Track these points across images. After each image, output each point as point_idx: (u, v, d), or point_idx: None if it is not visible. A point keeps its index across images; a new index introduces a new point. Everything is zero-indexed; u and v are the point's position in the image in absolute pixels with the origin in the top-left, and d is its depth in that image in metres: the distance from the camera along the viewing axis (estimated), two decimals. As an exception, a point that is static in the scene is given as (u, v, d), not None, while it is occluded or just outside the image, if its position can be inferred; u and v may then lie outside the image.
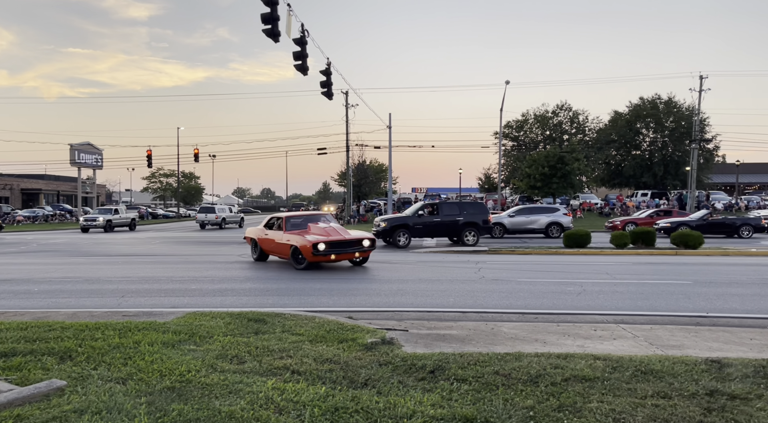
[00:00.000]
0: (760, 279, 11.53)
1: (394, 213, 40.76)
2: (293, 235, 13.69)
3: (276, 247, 14.45)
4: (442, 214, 21.43)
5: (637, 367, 5.01)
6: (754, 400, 4.28)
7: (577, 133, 57.08)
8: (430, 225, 21.27)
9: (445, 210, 21.71)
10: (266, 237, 14.96)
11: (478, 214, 21.76)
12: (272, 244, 14.62)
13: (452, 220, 21.33)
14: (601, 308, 8.47)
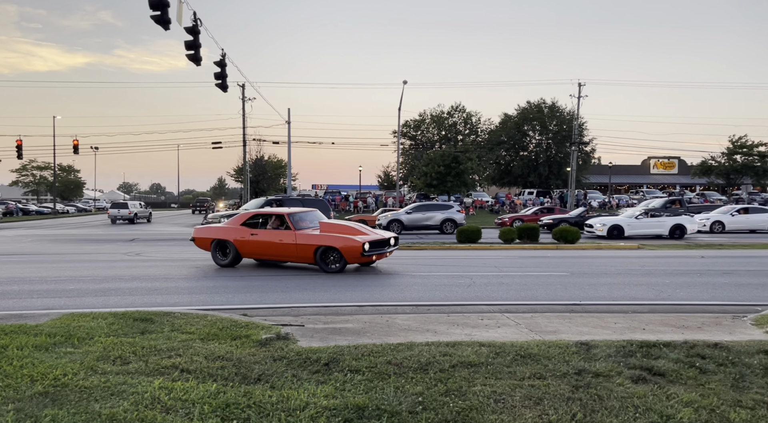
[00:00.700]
0: (625, 270, 12.77)
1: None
2: (319, 234, 12.15)
3: (278, 250, 12.43)
4: None
5: (518, 352, 5.39)
6: (615, 376, 4.78)
7: (470, 133, 59.75)
8: None
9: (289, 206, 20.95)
10: (253, 238, 12.66)
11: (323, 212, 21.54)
12: (267, 246, 12.51)
13: None
14: (489, 299, 8.97)
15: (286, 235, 12.33)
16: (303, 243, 12.13)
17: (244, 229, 12.92)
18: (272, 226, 12.93)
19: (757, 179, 50.75)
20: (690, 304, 8.64)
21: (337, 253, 11.90)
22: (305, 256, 12.20)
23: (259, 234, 12.68)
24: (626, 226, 23.32)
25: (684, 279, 11.22)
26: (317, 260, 12.05)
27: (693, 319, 7.29)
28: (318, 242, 12.03)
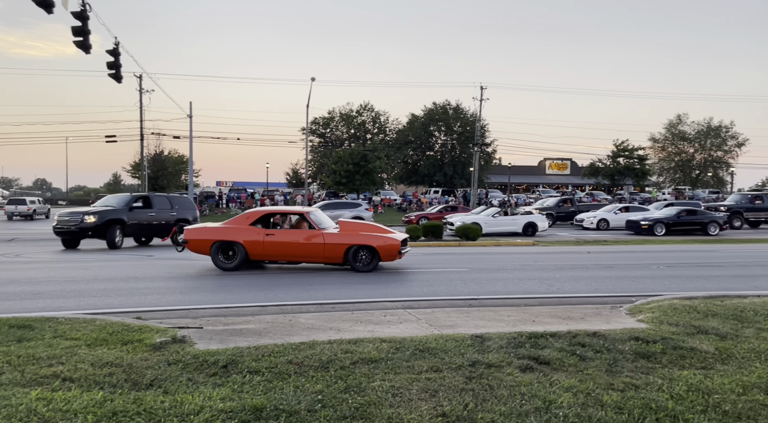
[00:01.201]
0: (520, 265, 13.53)
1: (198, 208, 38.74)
2: (351, 234, 12.02)
3: (302, 250, 11.93)
4: (155, 208, 19.52)
5: (417, 347, 5.56)
6: (505, 366, 5.06)
7: (379, 132, 60.51)
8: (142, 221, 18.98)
9: (157, 204, 19.81)
10: (269, 239, 11.91)
11: (188, 210, 21.02)
12: (289, 246, 11.92)
13: (166, 215, 19.71)
14: (392, 296, 9.16)
15: (313, 235, 11.94)
16: (333, 242, 11.86)
17: (255, 230, 12.13)
18: (290, 226, 12.67)
19: (636, 180, 55.56)
20: (576, 297, 9.31)
21: (371, 252, 11.89)
22: (334, 256, 11.95)
23: (276, 234, 12.04)
24: (483, 223, 24.44)
25: (572, 273, 12.07)
26: (349, 260, 11.90)
27: (577, 311, 7.88)
28: (351, 241, 11.88)
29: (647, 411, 4.20)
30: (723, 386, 4.70)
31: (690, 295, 8.70)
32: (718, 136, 71.79)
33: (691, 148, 73.42)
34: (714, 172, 74.23)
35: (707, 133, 71.78)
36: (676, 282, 10.78)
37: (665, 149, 73.57)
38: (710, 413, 4.22)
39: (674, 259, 15.06)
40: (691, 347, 5.72)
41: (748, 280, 11.08)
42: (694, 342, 5.90)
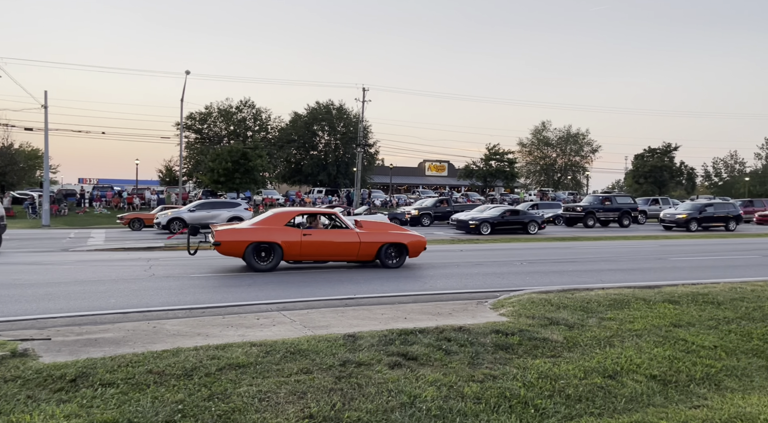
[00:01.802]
0: (398, 264, 13.89)
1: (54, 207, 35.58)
2: (383, 232, 12.93)
3: (338, 249, 12.34)
4: None
5: (288, 349, 5.50)
6: (375, 364, 5.17)
7: (260, 130, 59.07)
8: None
9: None
10: (307, 239, 12.05)
11: None
12: (326, 246, 12.22)
13: None
14: (268, 298, 8.97)
15: (348, 235, 12.41)
16: (368, 241, 12.50)
17: (293, 230, 12.24)
18: (323, 226, 13.04)
19: (506, 182, 59.54)
20: (447, 293, 9.75)
21: (400, 249, 12.82)
22: (367, 254, 12.59)
23: (313, 234, 12.22)
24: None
25: (444, 270, 12.62)
26: (380, 257, 12.64)
27: (447, 307, 8.26)
28: (383, 240, 12.67)
29: (502, 399, 4.50)
30: (568, 372, 5.17)
31: (546, 289, 9.47)
32: (576, 143, 79.03)
33: (554, 152, 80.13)
34: (573, 175, 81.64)
35: (567, 140, 78.74)
36: (536, 277, 11.68)
37: (532, 153, 79.61)
38: (556, 397, 4.62)
39: (536, 256, 16.30)
40: (543, 338, 6.23)
41: (596, 274, 12.30)
42: (547, 333, 6.43)
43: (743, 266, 13.72)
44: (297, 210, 13.29)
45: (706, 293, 8.89)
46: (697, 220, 29.09)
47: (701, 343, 6.37)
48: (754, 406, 4.46)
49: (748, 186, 79.15)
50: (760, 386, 5.31)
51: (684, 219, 28.89)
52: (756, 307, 8.12)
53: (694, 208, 30.08)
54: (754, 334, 6.92)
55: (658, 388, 5.00)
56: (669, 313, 7.65)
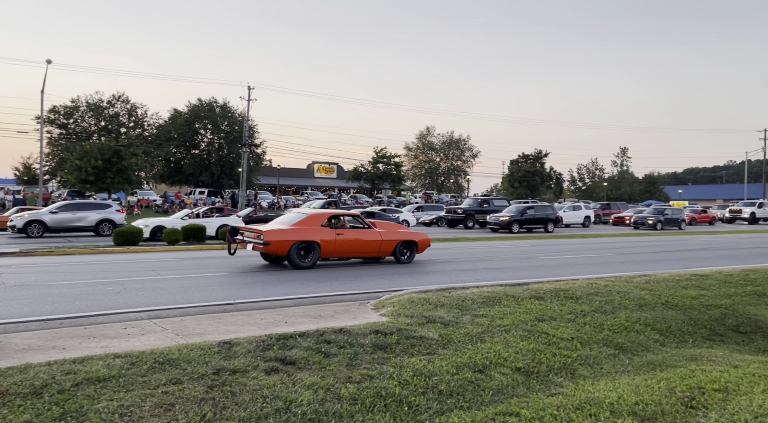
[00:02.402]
0: (280, 266, 13.66)
1: None
2: (398, 231, 14.80)
3: (361, 247, 13.84)
4: None
5: (156, 359, 5.17)
6: (251, 371, 5.02)
7: (135, 127, 55.35)
8: None
9: None
10: (339, 238, 13.40)
11: None
12: (355, 244, 13.70)
13: None
14: (138, 305, 8.41)
15: (372, 234, 13.90)
16: (388, 239, 14.10)
17: (328, 230, 13.38)
18: (351, 226, 14.03)
19: (393, 185, 60.94)
20: (330, 295, 9.74)
21: (411, 246, 14.54)
22: (387, 251, 14.19)
23: (345, 234, 13.49)
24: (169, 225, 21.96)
25: (328, 273, 12.61)
26: (395, 253, 14.27)
27: (329, 309, 8.25)
28: (399, 238, 14.29)
29: (378, 399, 4.57)
30: (441, 369, 5.38)
31: (426, 289, 9.80)
32: (458, 148, 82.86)
33: (438, 157, 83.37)
34: (455, 178, 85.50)
35: (450, 145, 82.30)
36: (416, 277, 12.05)
37: (417, 157, 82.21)
38: (429, 394, 4.78)
39: (418, 257, 16.81)
40: (420, 336, 6.43)
41: (473, 273, 12.95)
42: (424, 331, 6.65)
43: (599, 263, 15.14)
44: (330, 212, 14.92)
45: (567, 289, 9.68)
46: (519, 221, 30.45)
47: (561, 335, 6.93)
48: (601, 391, 4.93)
49: (606, 190, 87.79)
50: (608, 372, 5.88)
51: (507, 221, 30.12)
52: (607, 300, 8.99)
53: (517, 211, 31.40)
54: (605, 325, 7.65)
55: (522, 380, 5.36)
56: (535, 308, 8.23)
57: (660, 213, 35.26)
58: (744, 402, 4.29)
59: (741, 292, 10.32)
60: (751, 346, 8.03)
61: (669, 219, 34.91)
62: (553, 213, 32.78)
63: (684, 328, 8.21)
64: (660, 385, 4.92)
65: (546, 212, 32.28)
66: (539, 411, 4.39)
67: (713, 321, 8.75)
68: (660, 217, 34.43)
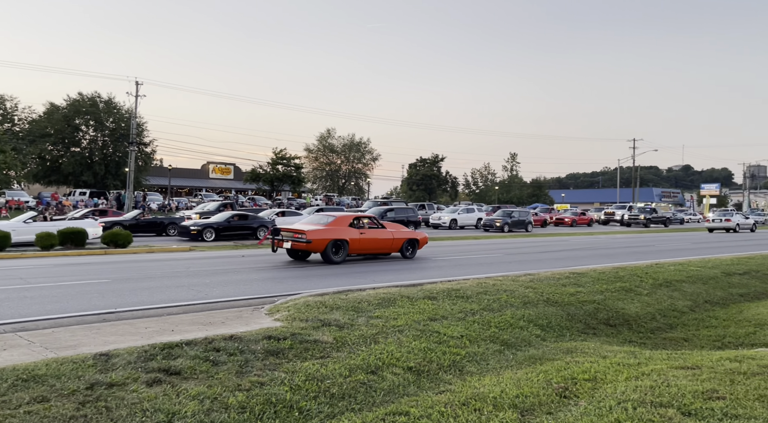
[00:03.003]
0: (171, 272, 12.98)
1: None
2: (404, 231, 17.06)
3: (380, 244, 15.87)
4: None
5: (19, 376, 4.70)
6: (131, 383, 4.70)
7: (4, 121, 50.13)
8: None
9: None
10: (362, 236, 15.40)
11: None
12: (374, 242, 15.72)
13: None
14: (0, 318, 7.60)
15: (386, 233, 15.95)
16: (398, 237, 16.12)
17: (354, 230, 15.33)
18: (370, 227, 15.91)
19: (293, 187, 60.15)
20: (223, 301, 9.39)
21: (414, 244, 16.54)
22: (396, 247, 16.12)
23: (366, 233, 15.43)
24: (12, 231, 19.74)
25: (224, 277, 12.17)
26: (402, 250, 16.19)
27: (220, 315, 7.95)
28: (405, 236, 16.35)
29: (268, 406, 4.46)
30: (334, 371, 5.36)
31: (323, 292, 9.74)
32: (359, 150, 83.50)
33: (339, 159, 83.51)
34: (356, 181, 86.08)
35: (351, 147, 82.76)
36: (314, 281, 11.95)
37: (318, 159, 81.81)
38: (321, 398, 4.74)
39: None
40: (315, 340, 6.37)
41: (370, 275, 13.07)
42: (318, 334, 6.59)
43: (488, 263, 15.90)
44: (353, 214, 17.35)
45: (458, 289, 10.06)
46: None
47: (451, 333, 7.17)
48: (486, 386, 5.15)
49: (498, 194, 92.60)
50: (493, 368, 6.17)
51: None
52: (495, 299, 9.45)
53: (377, 213, 30.76)
54: (492, 322, 8.03)
55: (413, 379, 5.48)
56: (428, 308, 8.46)
57: (508, 215, 35.94)
58: (609, 389, 4.68)
59: (611, 288, 11.28)
60: (619, 337, 8.80)
61: (516, 221, 35.26)
62: (414, 216, 32.95)
63: (562, 323, 8.83)
64: (539, 378, 5.24)
65: (407, 214, 32.55)
66: (428, 409, 4.50)
67: (588, 315, 9.49)
68: (507, 220, 34.89)
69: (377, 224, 16.36)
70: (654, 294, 11.45)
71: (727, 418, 3.86)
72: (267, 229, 25.50)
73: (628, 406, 4.16)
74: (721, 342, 8.52)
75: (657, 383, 4.70)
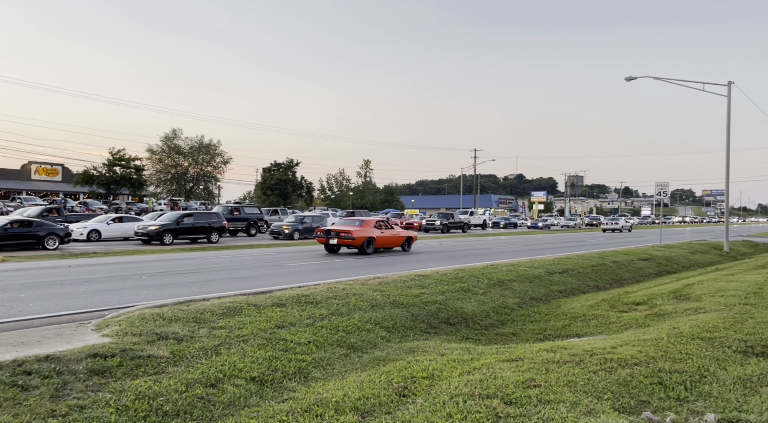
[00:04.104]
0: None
1: None
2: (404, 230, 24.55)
3: (392, 240, 22.21)
4: None
5: None
6: None
7: None
8: None
9: None
10: (383, 235, 21.49)
11: None
12: (389, 238, 21.99)
13: None
14: None
15: (394, 232, 22.54)
16: (401, 236, 22.72)
17: (376, 230, 21.40)
18: (385, 228, 22.18)
19: (134, 190, 55.65)
20: (41, 317, 8.33)
21: (410, 240, 23.11)
22: (399, 243, 22.56)
23: (384, 232, 21.81)
24: None
25: (44, 291, 10.84)
26: (403, 245, 22.70)
27: (36, 333, 7.03)
28: (406, 235, 23.08)
29: (87, 432, 4.02)
30: (169, 388, 5.01)
31: (161, 303, 9.09)
32: (208, 153, 79.78)
33: (186, 161, 79.03)
34: (205, 185, 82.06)
35: (200, 149, 78.79)
36: (154, 291, 11.12)
37: (162, 161, 76.63)
38: (152, 417, 4.40)
39: (161, 268, 15.60)
40: (149, 355, 5.90)
41: (217, 283, 12.51)
42: (153, 349, 6.12)
43: (338, 268, 16.09)
44: (375, 218, 24.72)
45: (308, 294, 10.01)
46: (172, 231, 26.61)
47: (298, 340, 7.10)
48: (330, 391, 5.17)
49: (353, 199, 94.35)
50: (339, 372, 6.22)
51: (156, 230, 26.29)
52: (344, 303, 9.56)
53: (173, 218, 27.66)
54: (340, 327, 8.11)
55: (256, 389, 5.32)
56: (276, 316, 8.29)
57: (299, 221, 32.93)
58: (444, 385, 4.95)
59: (452, 289, 12.02)
60: (457, 335, 9.39)
61: (307, 228, 32.46)
62: (218, 222, 28.84)
63: (407, 324, 9.19)
64: (381, 379, 5.37)
65: (209, 220, 28.77)
66: (268, 419, 4.39)
67: (430, 315, 9.99)
68: (298, 226, 32.16)
69: (389, 226, 22.62)
70: (489, 293, 12.42)
71: (542, 403, 4.28)
72: (59, 238, 22.60)
73: (459, 400, 4.43)
74: (543, 334, 9.47)
75: (486, 376, 5.07)
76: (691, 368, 5.34)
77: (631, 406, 4.44)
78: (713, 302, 9.83)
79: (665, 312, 9.85)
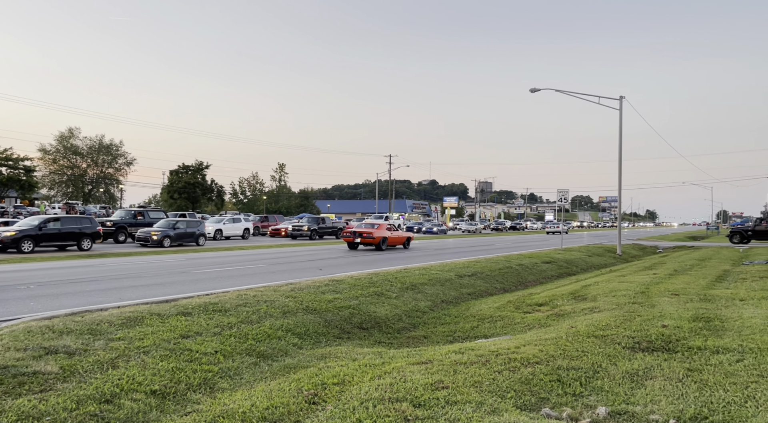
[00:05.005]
0: None
1: None
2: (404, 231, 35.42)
3: (397, 240, 29.12)
4: None
5: None
6: None
7: None
8: None
9: None
10: (392, 235, 28.55)
11: None
12: (396, 238, 28.95)
13: None
14: None
15: (399, 233, 29.78)
16: (405, 235, 30.11)
17: (388, 232, 28.34)
18: (393, 231, 29.18)
19: (23, 193, 51.26)
20: None
21: (409, 240, 30.38)
22: (402, 242, 29.63)
23: (393, 233, 28.87)
24: None
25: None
26: (404, 244, 29.84)
27: None
28: (406, 235, 30.38)
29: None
30: (57, 406, 4.63)
31: (52, 315, 8.39)
32: (109, 154, 75.17)
33: (84, 163, 73.99)
34: (106, 187, 77.21)
35: (100, 150, 74.06)
36: (42, 301, 10.27)
37: (57, 162, 71.31)
38: (35, 440, 4.03)
39: (48, 277, 14.44)
40: (34, 371, 5.43)
41: (117, 292, 11.76)
42: (40, 365, 5.64)
43: (251, 274, 15.68)
44: (387, 222, 32.19)
45: (217, 302, 9.64)
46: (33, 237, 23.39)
47: (204, 350, 6.81)
48: (237, 401, 4.99)
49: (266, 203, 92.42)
50: (247, 381, 6.03)
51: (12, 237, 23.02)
52: (255, 310, 9.30)
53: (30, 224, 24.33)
54: (249, 335, 7.87)
55: (156, 403, 5.03)
56: (180, 325, 7.91)
57: (171, 227, 29.69)
58: (355, 390, 4.93)
59: (366, 293, 12.06)
60: (370, 339, 9.42)
61: (181, 233, 29.85)
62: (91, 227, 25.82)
63: (320, 330, 9.10)
64: (290, 387, 5.26)
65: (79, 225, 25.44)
66: (169, 435, 4.15)
67: (343, 321, 9.95)
68: (170, 232, 29.15)
69: (395, 228, 30.11)
70: (402, 296, 12.58)
71: (449, 405, 4.38)
72: None
73: (369, 404, 4.43)
74: (453, 336, 9.72)
75: (396, 380, 5.11)
76: (586, 365, 5.68)
77: (532, 403, 4.64)
78: (607, 302, 10.54)
79: (565, 312, 10.43)
